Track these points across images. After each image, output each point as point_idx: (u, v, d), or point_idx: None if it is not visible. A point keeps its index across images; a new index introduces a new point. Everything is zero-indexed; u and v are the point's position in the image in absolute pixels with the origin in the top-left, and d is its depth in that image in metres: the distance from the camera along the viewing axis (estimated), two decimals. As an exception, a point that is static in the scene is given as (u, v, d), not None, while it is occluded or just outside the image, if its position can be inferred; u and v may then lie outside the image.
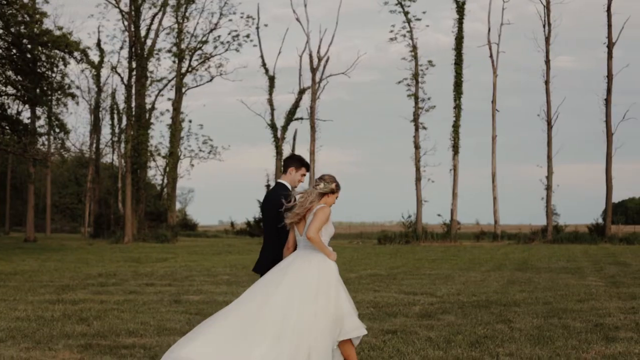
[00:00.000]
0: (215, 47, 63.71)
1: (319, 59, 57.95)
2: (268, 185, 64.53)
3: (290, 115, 59.46)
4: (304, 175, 9.16)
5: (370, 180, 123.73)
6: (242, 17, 63.14)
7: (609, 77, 52.02)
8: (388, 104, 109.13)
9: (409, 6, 55.19)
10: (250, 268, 26.03)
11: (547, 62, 53.36)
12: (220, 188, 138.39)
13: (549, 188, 52.87)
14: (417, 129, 54.57)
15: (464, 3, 55.02)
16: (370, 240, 56.48)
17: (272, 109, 60.09)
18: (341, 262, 29.11)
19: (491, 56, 55.77)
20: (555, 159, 52.84)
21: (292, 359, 7.89)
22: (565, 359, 10.01)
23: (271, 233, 8.99)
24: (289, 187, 9.03)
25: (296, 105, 59.41)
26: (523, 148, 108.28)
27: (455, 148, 53.88)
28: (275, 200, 8.83)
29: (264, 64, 61.24)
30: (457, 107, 54.44)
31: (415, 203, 54.66)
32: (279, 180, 9.15)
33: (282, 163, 9.31)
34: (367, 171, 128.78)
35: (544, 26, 53.67)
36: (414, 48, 55.10)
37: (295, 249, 8.66)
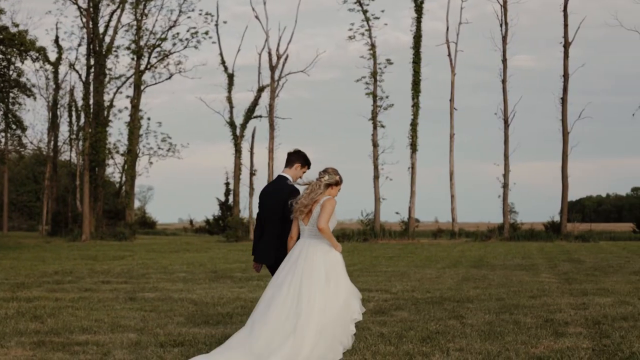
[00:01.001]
0: (174, 45, 63.54)
1: (278, 57, 57.94)
2: (227, 183, 64.63)
3: (249, 113, 59.41)
4: (305, 172, 9.64)
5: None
6: (200, 15, 63.04)
7: (565, 76, 52.54)
8: (348, 102, 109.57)
9: (367, 5, 55.34)
10: (207, 266, 26.13)
11: (504, 61, 53.76)
12: (180, 186, 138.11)
13: (505, 186, 53.24)
14: (375, 127, 54.70)
15: (422, 2, 55.23)
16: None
17: (231, 107, 60.01)
18: (298, 260, 29.25)
19: (449, 55, 56.12)
20: (515, 158, 53.67)
21: (299, 347, 8.38)
22: (514, 354, 10.15)
23: (272, 223, 9.48)
24: (291, 180, 9.54)
25: (255, 103, 59.38)
26: (481, 146, 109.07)
27: (414, 146, 54.09)
28: (281, 191, 9.42)
29: (223, 62, 61.17)
30: (415, 106, 54.66)
31: (373, 201, 54.83)
32: (281, 174, 9.65)
33: (288, 157, 9.73)
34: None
35: (501, 25, 54.05)
36: (373, 46, 55.25)
37: (298, 238, 9.15)
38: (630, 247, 40.24)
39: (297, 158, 9.67)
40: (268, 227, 9.53)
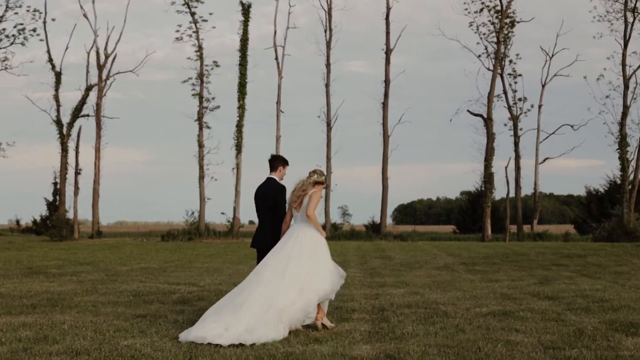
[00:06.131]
0: (0, 40, 62.39)
1: (106, 56, 57.75)
2: (55, 183, 63.81)
3: (77, 112, 58.71)
4: (286, 170, 12.17)
5: (163, 179, 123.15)
6: (28, 11, 62.02)
7: (387, 81, 54.42)
8: (178, 103, 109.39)
9: (196, 7, 55.76)
10: (24, 263, 26.15)
11: (328, 65, 55.13)
12: (8, 186, 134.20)
13: (327, 187, 54.49)
14: (201, 128, 55.08)
15: (249, 5, 56.01)
16: (156, 237, 56.62)
17: (58, 105, 59.08)
18: (118, 258, 29.59)
19: (277, 58, 57.05)
20: (345, 161, 54.90)
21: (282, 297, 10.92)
22: (293, 336, 10.88)
23: (267, 215, 11.89)
24: (278, 180, 11.99)
25: (83, 102, 58.72)
26: (307, 149, 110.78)
27: (239, 147, 54.70)
28: (271, 189, 11.88)
29: (50, 60, 60.27)
30: (241, 107, 55.35)
31: (199, 201, 55.15)
32: (270, 176, 12.06)
33: (271, 162, 12.12)
34: (160, 170, 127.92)
35: (325, 31, 55.53)
36: (200, 48, 55.67)
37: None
38: (443, 246, 41.99)
39: (279, 162, 12.06)
40: (262, 219, 11.92)
